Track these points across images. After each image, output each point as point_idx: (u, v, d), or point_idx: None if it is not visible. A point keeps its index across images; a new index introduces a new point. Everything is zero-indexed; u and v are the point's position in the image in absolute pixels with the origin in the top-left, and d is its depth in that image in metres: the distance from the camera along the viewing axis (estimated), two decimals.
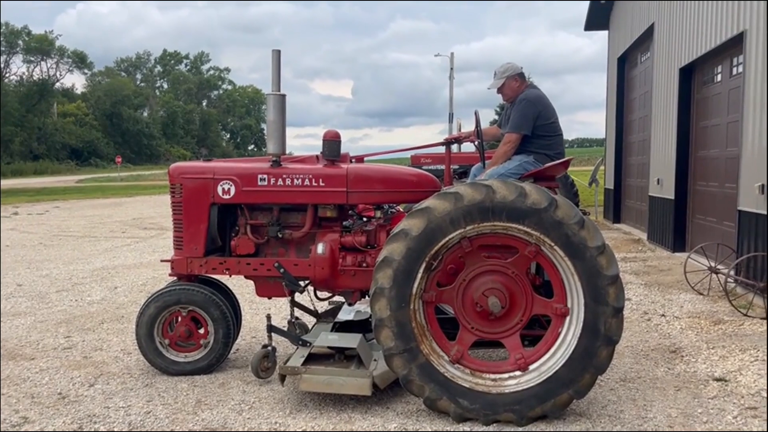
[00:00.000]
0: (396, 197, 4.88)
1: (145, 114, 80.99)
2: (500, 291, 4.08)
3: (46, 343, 5.81)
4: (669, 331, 6.07)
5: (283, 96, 4.74)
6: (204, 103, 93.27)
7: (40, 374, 4.96)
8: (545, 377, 3.95)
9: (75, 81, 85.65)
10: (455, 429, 3.90)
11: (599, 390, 4.52)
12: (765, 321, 6.07)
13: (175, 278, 5.06)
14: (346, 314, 5.11)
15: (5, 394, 4.53)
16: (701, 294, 7.42)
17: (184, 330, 4.85)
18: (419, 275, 3.96)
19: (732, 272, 6.98)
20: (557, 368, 3.94)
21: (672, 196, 10.63)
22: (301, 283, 4.86)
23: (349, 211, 5.03)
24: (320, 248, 4.70)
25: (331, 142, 4.75)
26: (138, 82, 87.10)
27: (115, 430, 3.94)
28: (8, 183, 36.96)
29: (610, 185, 16.18)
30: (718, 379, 4.71)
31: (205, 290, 4.84)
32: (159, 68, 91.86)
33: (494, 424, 3.93)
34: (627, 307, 7.05)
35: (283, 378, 4.41)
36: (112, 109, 72.63)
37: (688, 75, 10.35)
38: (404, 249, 3.93)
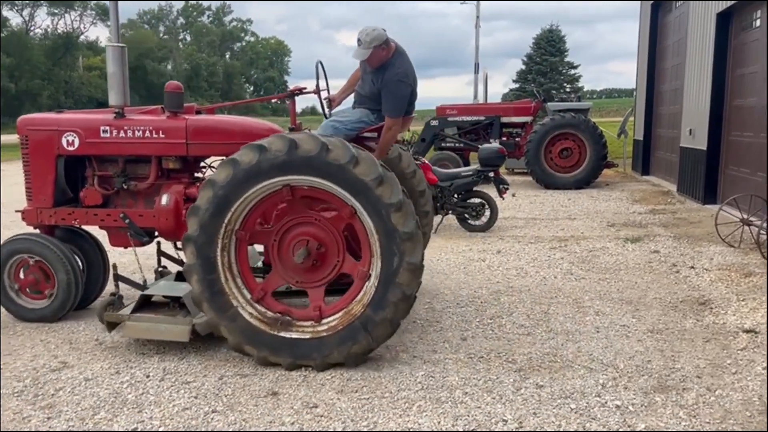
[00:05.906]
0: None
1: (169, 67, 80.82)
2: (314, 243, 4.17)
3: None
4: (698, 283, 6.02)
5: (123, 47, 4.80)
6: (227, 56, 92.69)
7: (77, 321, 5.11)
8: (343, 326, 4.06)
9: (99, 34, 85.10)
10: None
11: (626, 341, 4.53)
12: None
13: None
14: None
15: (44, 340, 4.70)
16: (732, 246, 7.32)
17: (32, 278, 5.04)
18: (226, 224, 4.05)
19: (765, 224, 6.85)
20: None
21: (704, 147, 10.39)
22: (156, 234, 4.97)
23: (200, 164, 5.08)
24: (164, 199, 4.80)
25: (172, 93, 4.80)
26: (161, 35, 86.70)
27: (151, 375, 4.07)
28: None
29: (640, 136, 15.85)
30: (747, 331, 4.68)
31: (46, 240, 4.98)
32: (181, 20, 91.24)
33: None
34: (655, 258, 6.99)
35: (110, 326, 4.51)
36: (135, 62, 72.17)
37: (726, 20, 9.97)
38: (212, 197, 4.01)
